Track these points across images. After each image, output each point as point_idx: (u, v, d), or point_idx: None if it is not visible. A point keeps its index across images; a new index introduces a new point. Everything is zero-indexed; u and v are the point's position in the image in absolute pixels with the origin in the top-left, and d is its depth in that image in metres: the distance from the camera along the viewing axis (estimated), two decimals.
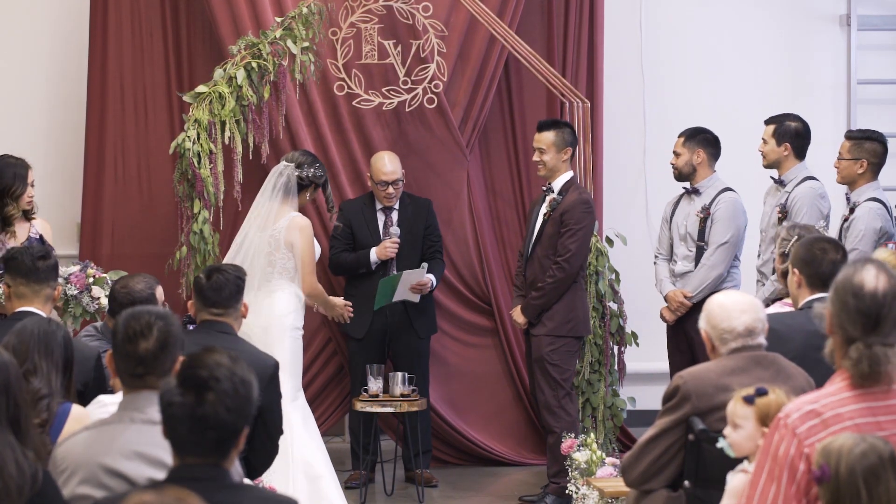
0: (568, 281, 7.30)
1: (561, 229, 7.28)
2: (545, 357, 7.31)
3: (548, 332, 7.32)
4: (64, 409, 4.21)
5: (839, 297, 3.45)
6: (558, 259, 7.27)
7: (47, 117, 8.59)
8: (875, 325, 3.40)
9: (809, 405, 3.38)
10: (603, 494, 5.96)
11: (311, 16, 7.77)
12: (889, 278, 3.44)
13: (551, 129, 7.41)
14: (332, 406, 8.37)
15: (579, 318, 7.38)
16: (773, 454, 3.36)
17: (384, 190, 7.76)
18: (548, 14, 8.47)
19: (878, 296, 3.41)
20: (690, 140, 7.59)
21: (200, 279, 5.20)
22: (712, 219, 7.50)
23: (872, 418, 3.39)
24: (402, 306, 7.79)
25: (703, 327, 4.53)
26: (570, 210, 7.27)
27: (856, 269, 3.46)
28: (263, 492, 3.32)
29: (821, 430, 3.32)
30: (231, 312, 5.17)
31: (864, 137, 7.15)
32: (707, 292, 7.10)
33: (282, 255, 6.94)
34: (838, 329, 3.45)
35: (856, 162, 7.10)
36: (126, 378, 3.68)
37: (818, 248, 5.03)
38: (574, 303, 7.35)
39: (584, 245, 7.34)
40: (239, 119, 7.59)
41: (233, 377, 3.12)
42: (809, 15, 9.15)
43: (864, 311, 3.40)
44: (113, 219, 8.28)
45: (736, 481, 4.02)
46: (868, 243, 6.95)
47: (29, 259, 5.23)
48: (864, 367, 3.37)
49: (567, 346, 7.34)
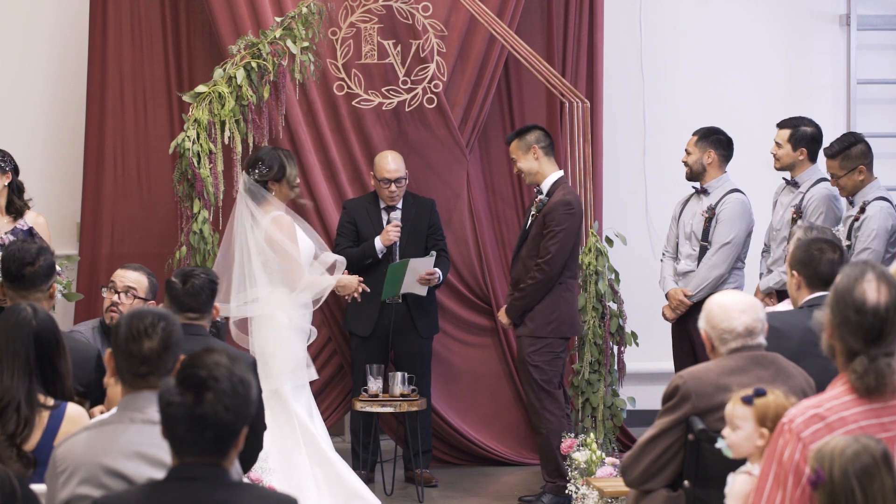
0: (548, 282, 7.30)
1: (544, 230, 7.29)
2: (526, 359, 7.35)
3: (529, 333, 7.35)
4: (59, 410, 4.16)
5: (840, 310, 3.43)
6: (539, 261, 7.29)
7: (47, 117, 8.59)
8: (878, 338, 3.39)
9: (813, 409, 3.38)
10: (603, 494, 5.96)
11: (311, 16, 7.76)
12: (890, 288, 3.42)
13: (514, 138, 7.47)
14: (332, 405, 8.37)
15: (563, 319, 7.37)
16: (777, 459, 3.35)
17: (387, 188, 7.76)
18: (548, 14, 8.47)
19: (881, 310, 3.40)
20: (703, 140, 7.60)
21: (175, 284, 5.26)
22: (717, 219, 7.51)
23: (877, 420, 3.38)
24: (406, 306, 7.79)
25: (703, 327, 4.54)
26: (551, 212, 7.29)
27: (856, 279, 3.43)
28: (263, 491, 3.32)
29: (825, 434, 3.32)
30: (205, 316, 5.32)
31: (847, 146, 7.12)
32: (707, 292, 7.11)
33: (269, 256, 6.95)
34: (839, 340, 3.44)
35: (853, 172, 7.10)
36: (128, 377, 3.67)
37: (816, 249, 5.04)
38: (557, 304, 7.35)
39: (565, 247, 7.32)
40: (239, 119, 7.58)
41: (231, 377, 3.12)
42: (809, 15, 9.15)
43: (866, 326, 3.40)
44: (112, 218, 8.28)
45: (738, 483, 4.01)
46: (881, 242, 6.96)
47: (15, 266, 5.15)
48: (870, 380, 3.37)
49: (549, 347, 7.34)
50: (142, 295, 5.99)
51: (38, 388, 4.17)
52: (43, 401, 4.16)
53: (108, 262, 7.79)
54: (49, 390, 4.21)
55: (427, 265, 7.68)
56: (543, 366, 7.33)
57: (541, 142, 7.40)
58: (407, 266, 7.57)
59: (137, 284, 6.01)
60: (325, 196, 8.21)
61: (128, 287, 6.00)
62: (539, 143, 7.39)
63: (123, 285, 6.01)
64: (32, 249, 5.21)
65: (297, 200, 7.33)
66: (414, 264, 7.61)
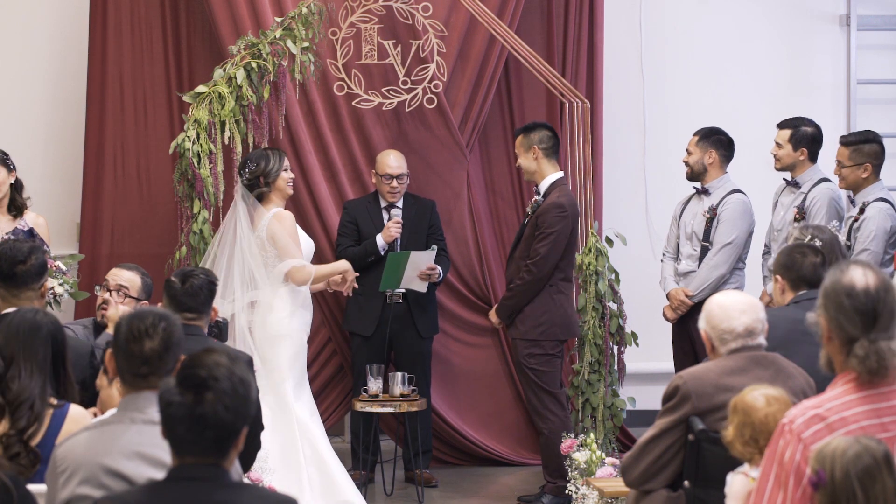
0: (536, 284, 7.31)
1: (535, 232, 7.30)
2: (523, 361, 7.37)
3: (521, 335, 7.38)
4: (62, 409, 4.19)
5: (832, 300, 3.46)
6: (528, 262, 7.30)
7: (47, 116, 8.59)
8: (874, 321, 3.42)
9: (813, 410, 3.38)
10: (602, 494, 5.96)
11: (311, 16, 7.76)
12: (876, 273, 3.47)
13: (519, 134, 7.50)
14: (332, 406, 8.37)
15: (554, 321, 7.36)
16: (778, 460, 3.35)
17: (388, 184, 7.77)
18: (548, 14, 8.47)
19: (871, 291, 3.43)
20: (704, 140, 7.60)
21: (174, 284, 5.26)
22: (718, 219, 7.51)
23: (877, 420, 3.39)
24: (406, 306, 7.79)
25: (703, 328, 4.54)
26: (544, 213, 7.30)
27: (842, 271, 3.48)
28: (263, 491, 3.32)
29: (826, 435, 3.32)
30: (203, 316, 5.34)
31: (862, 141, 7.15)
32: (708, 292, 7.11)
33: (270, 254, 6.96)
34: (837, 332, 3.45)
35: (859, 167, 7.10)
36: (128, 377, 3.67)
37: (798, 253, 5.27)
38: (547, 306, 7.35)
39: (556, 249, 7.32)
40: (239, 119, 7.58)
41: (231, 377, 3.12)
42: (809, 15, 9.15)
43: (860, 308, 3.42)
44: (113, 218, 8.28)
45: (738, 483, 4.01)
46: (880, 243, 6.96)
47: (7, 265, 5.14)
48: (872, 362, 3.39)
49: (543, 349, 7.35)
50: (133, 294, 5.98)
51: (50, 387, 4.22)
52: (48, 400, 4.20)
53: (108, 263, 7.78)
54: (58, 391, 4.26)
55: (428, 259, 7.69)
56: (539, 367, 7.34)
57: (543, 143, 7.40)
58: (408, 258, 7.57)
59: (130, 283, 6.01)
60: (325, 196, 8.21)
61: (119, 286, 6.00)
62: (541, 143, 7.39)
63: (115, 284, 6.01)
64: (24, 248, 5.21)
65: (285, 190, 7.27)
66: (415, 257, 7.61)
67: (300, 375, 7.01)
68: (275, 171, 7.12)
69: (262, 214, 7.03)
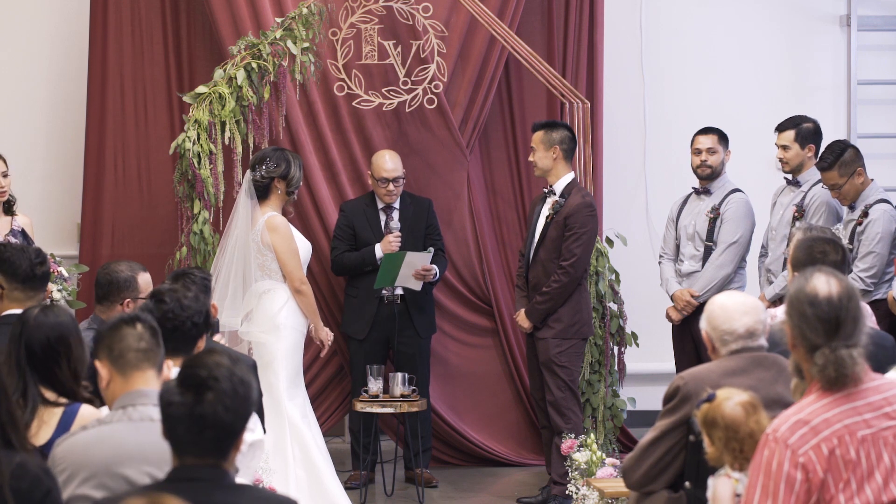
0: (573, 285, 7.29)
1: (565, 233, 7.26)
2: (553, 359, 7.31)
3: (554, 335, 7.32)
4: (72, 409, 4.11)
5: (796, 308, 3.46)
6: (563, 263, 7.26)
7: (47, 117, 8.59)
8: (836, 329, 3.41)
9: (795, 416, 3.40)
10: (603, 495, 5.96)
11: (311, 16, 7.76)
12: (840, 281, 3.46)
13: (541, 129, 7.43)
14: (332, 406, 8.37)
15: (584, 319, 7.38)
16: (765, 470, 3.36)
17: (385, 187, 7.75)
18: (548, 14, 8.47)
19: (834, 300, 3.42)
20: (723, 140, 7.61)
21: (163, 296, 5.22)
22: (722, 218, 7.51)
23: (859, 417, 3.40)
24: (404, 305, 7.79)
25: (704, 328, 4.53)
26: (574, 214, 7.27)
27: (806, 279, 3.47)
28: (263, 492, 3.32)
29: (811, 438, 3.34)
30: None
31: (839, 153, 7.07)
32: (714, 292, 7.09)
33: (266, 257, 6.95)
34: (801, 340, 3.46)
35: (853, 176, 7.05)
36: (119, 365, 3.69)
37: (818, 251, 5.04)
38: (579, 305, 7.35)
39: (589, 249, 7.34)
40: (239, 119, 7.58)
41: (232, 377, 3.12)
42: (809, 15, 9.15)
43: (822, 317, 3.41)
44: (113, 219, 8.28)
45: (722, 486, 3.97)
46: (885, 245, 6.94)
47: (27, 264, 5.09)
48: (830, 371, 3.39)
49: (574, 347, 7.35)
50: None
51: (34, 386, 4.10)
52: (55, 399, 4.11)
53: None
54: (58, 390, 4.14)
55: (424, 260, 7.68)
56: (569, 365, 7.33)
57: (564, 143, 7.39)
58: (403, 258, 7.57)
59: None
60: (325, 197, 8.21)
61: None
62: (563, 144, 7.38)
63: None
64: (34, 250, 5.19)
65: (286, 206, 7.23)
66: (411, 258, 7.60)
67: (295, 374, 6.97)
68: (296, 180, 7.07)
69: (258, 215, 7.00)
